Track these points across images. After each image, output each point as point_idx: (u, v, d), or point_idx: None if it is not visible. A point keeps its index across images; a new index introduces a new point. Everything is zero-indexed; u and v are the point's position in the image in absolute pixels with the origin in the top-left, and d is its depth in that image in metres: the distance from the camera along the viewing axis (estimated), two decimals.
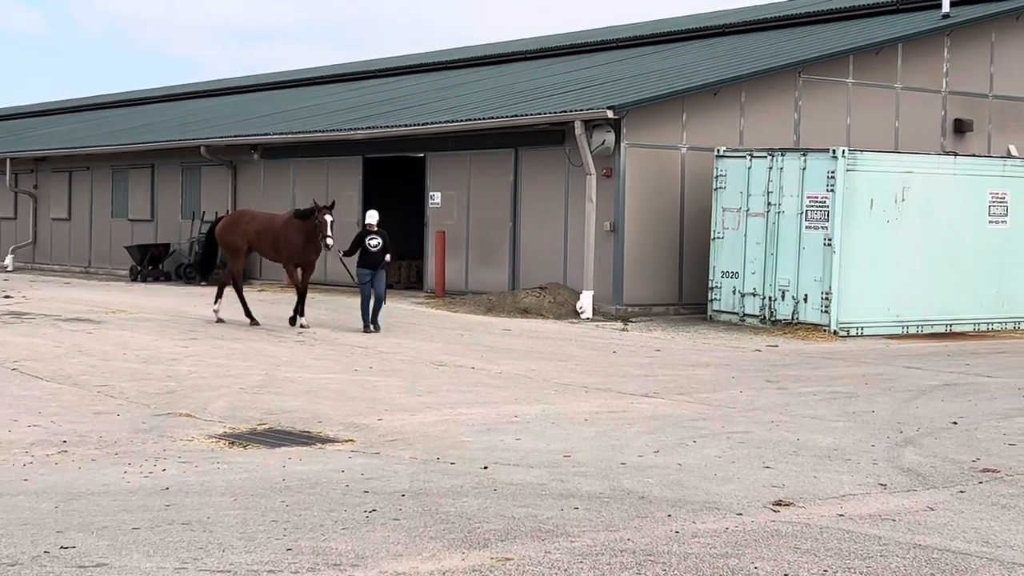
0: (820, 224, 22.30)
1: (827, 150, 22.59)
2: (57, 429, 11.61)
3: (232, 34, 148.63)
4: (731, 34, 34.33)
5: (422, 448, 10.87)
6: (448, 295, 27.73)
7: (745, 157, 23.72)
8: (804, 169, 22.59)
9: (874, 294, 22.59)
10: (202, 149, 34.67)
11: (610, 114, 24.11)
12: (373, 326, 21.02)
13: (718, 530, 8.07)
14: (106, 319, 22.43)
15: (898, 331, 22.77)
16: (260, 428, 11.92)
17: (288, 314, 22.39)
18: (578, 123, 24.53)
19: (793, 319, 22.69)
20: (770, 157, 23.25)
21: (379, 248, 21.28)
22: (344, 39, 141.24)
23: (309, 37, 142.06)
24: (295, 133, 32.37)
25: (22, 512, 8.31)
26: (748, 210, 23.49)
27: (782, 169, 22.97)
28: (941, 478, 9.96)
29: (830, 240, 22.16)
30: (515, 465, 10.11)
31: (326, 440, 11.32)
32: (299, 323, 21.35)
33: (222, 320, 22.00)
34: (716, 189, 24.14)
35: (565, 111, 25.25)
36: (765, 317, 23.15)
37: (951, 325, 23.60)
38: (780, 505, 8.82)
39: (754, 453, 10.85)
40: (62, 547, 7.40)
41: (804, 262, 22.53)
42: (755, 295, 23.39)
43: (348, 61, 54.41)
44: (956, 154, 25.20)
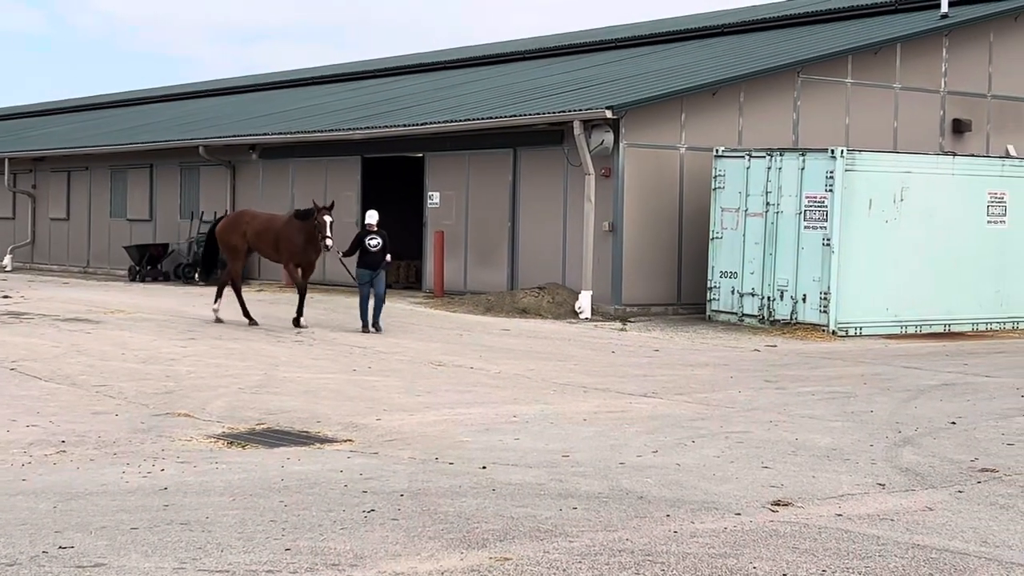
0: (819, 224, 22.31)
1: (826, 150, 22.60)
2: (55, 429, 11.61)
3: (231, 34, 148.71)
4: (730, 34, 34.35)
5: (421, 448, 10.86)
6: (447, 295, 27.73)
7: (744, 157, 23.72)
8: (803, 169, 22.60)
9: (873, 294, 22.60)
10: (201, 149, 34.67)
11: (609, 114, 24.11)
12: (374, 327, 20.91)
13: (716, 530, 8.07)
14: (105, 319, 22.42)
15: (897, 331, 22.78)
16: (259, 428, 11.92)
17: (288, 315, 22.41)
18: (577, 123, 24.54)
19: (792, 319, 22.70)
20: (769, 157, 23.25)
21: (379, 248, 21.22)
22: (343, 39, 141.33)
23: (308, 37, 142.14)
24: (294, 133, 32.37)
25: (20, 512, 8.31)
26: (747, 210, 23.50)
27: (781, 169, 22.98)
28: (939, 478, 9.96)
29: (829, 240, 22.17)
30: (514, 465, 10.11)
31: (325, 440, 11.32)
32: (294, 320, 21.35)
33: (221, 320, 22.01)
34: (715, 189, 24.14)
35: (564, 111, 25.25)
36: (764, 317, 23.16)
37: (950, 325, 23.61)
38: (779, 505, 8.82)
39: (753, 453, 10.85)
40: (60, 547, 7.40)
41: (803, 262, 22.54)
42: (754, 295, 23.39)
43: (347, 61, 54.43)
44: (955, 154, 25.21)
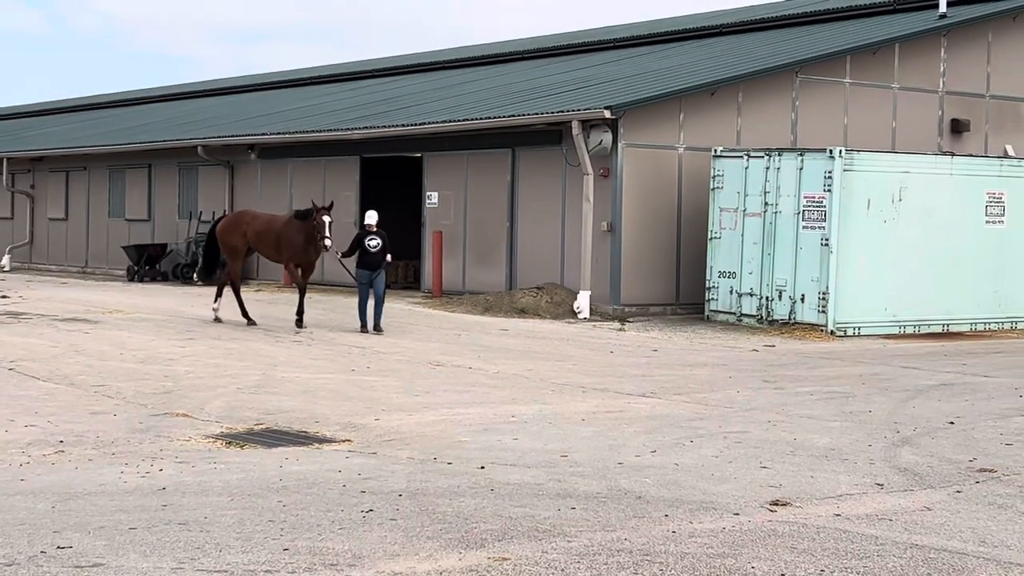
0: (817, 224, 22.31)
1: (824, 150, 22.60)
2: (54, 429, 11.61)
3: (229, 34, 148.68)
4: (728, 34, 34.35)
5: (419, 448, 10.86)
6: (445, 295, 27.73)
7: (742, 157, 23.73)
8: (801, 169, 22.60)
9: (871, 294, 22.60)
10: (199, 149, 34.67)
11: (607, 114, 24.11)
12: (375, 329, 20.77)
13: (715, 530, 8.07)
14: (103, 319, 22.41)
15: (895, 331, 22.79)
16: (257, 428, 11.92)
17: (287, 315, 22.43)
18: (575, 123, 24.53)
19: (790, 319, 22.70)
20: (767, 157, 23.26)
21: (378, 249, 21.13)
22: (343, 39, 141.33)
23: (308, 37, 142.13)
24: (292, 133, 32.37)
25: (19, 512, 8.31)
26: (745, 210, 23.50)
27: (779, 169, 22.98)
28: (938, 478, 9.96)
29: (827, 240, 22.17)
30: (512, 465, 10.11)
31: (323, 440, 11.32)
32: (296, 321, 21.31)
33: (220, 320, 22.00)
34: (713, 189, 24.14)
35: (562, 111, 25.25)
36: (762, 317, 23.17)
37: (948, 325, 23.62)
38: (777, 505, 8.82)
39: (751, 453, 10.86)
40: (59, 547, 7.40)
41: (801, 262, 22.55)
42: (752, 295, 23.40)
43: (345, 61, 54.43)
44: (953, 154, 25.21)
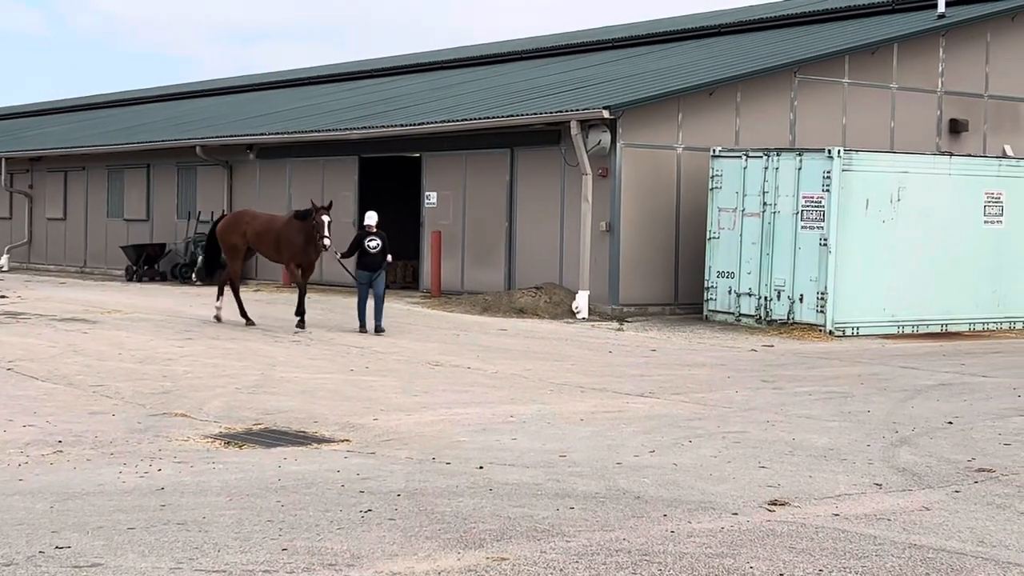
0: (816, 224, 22.31)
1: (823, 150, 22.60)
2: (52, 429, 11.60)
3: (228, 34, 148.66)
4: (727, 34, 34.36)
5: (418, 448, 10.86)
6: (444, 295, 27.72)
7: (741, 157, 23.73)
8: (800, 169, 22.61)
9: (870, 294, 22.61)
10: (198, 149, 34.66)
11: (606, 114, 24.11)
12: (376, 329, 20.62)
13: (714, 530, 8.07)
14: (102, 319, 22.40)
15: (894, 331, 22.79)
16: (256, 428, 11.91)
17: (285, 315, 22.43)
18: (574, 123, 24.53)
19: (789, 319, 22.71)
20: (766, 157, 23.26)
21: (378, 250, 21.00)
22: (343, 39, 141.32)
23: (307, 37, 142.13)
24: (291, 133, 32.36)
25: (17, 512, 8.30)
26: (744, 210, 23.50)
27: (778, 169, 22.98)
28: (936, 478, 9.96)
29: (826, 240, 22.17)
30: (511, 465, 10.11)
31: (322, 440, 11.31)
32: (298, 323, 21.28)
33: (220, 319, 21.98)
34: (712, 189, 24.14)
35: (561, 111, 25.25)
36: (761, 317, 23.17)
37: (947, 325, 23.63)
38: (776, 505, 8.82)
39: (750, 453, 10.86)
40: (57, 547, 7.40)
41: (800, 262, 22.55)
42: (751, 295, 23.40)
43: (344, 61, 54.42)
44: (952, 154, 25.22)
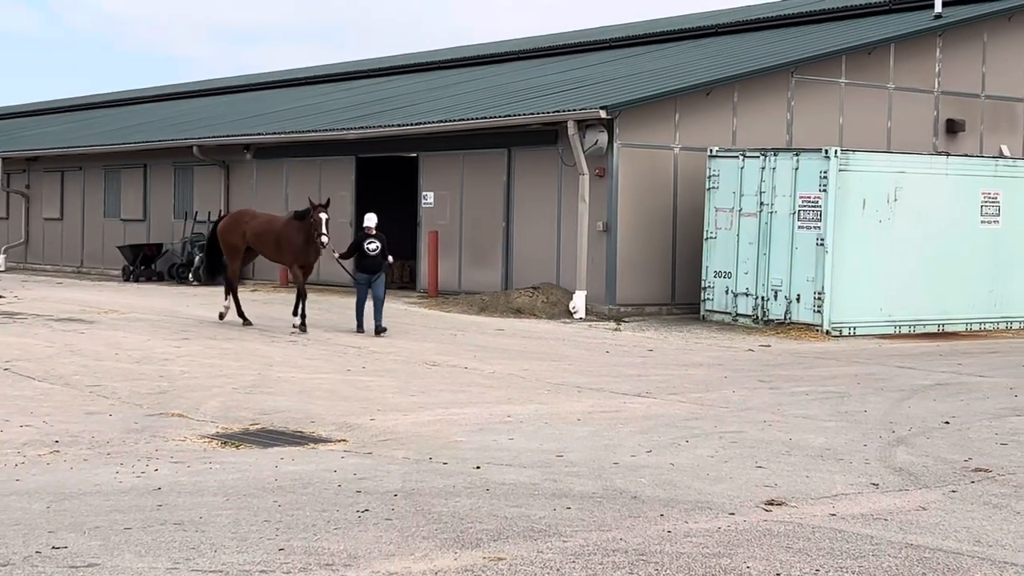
0: (813, 224, 22.32)
1: (819, 150, 22.61)
2: (49, 429, 11.59)
3: (226, 34, 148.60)
4: (724, 34, 34.37)
5: (415, 448, 10.86)
6: (441, 295, 27.72)
7: (738, 157, 23.74)
8: (797, 169, 22.62)
9: (866, 294, 22.62)
10: (195, 149, 34.64)
11: (603, 114, 24.11)
12: (376, 330, 20.38)
13: (710, 530, 8.08)
14: (98, 319, 22.39)
15: (890, 331, 22.80)
16: (253, 428, 11.91)
17: (283, 315, 22.43)
18: (571, 123, 24.53)
19: (786, 319, 22.71)
20: (763, 157, 23.26)
21: (378, 252, 20.83)
22: (342, 40, 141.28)
23: (305, 38, 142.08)
24: (288, 133, 32.35)
25: (14, 512, 8.30)
26: (741, 210, 23.51)
27: (775, 169, 22.99)
28: (933, 478, 9.97)
29: (823, 240, 22.19)
30: (508, 465, 10.11)
31: (319, 440, 11.31)
32: (294, 323, 21.23)
33: (223, 317, 21.91)
34: (709, 189, 24.15)
35: (558, 111, 25.25)
36: (758, 317, 23.18)
37: (943, 325, 23.64)
38: (772, 505, 8.82)
39: (747, 453, 10.86)
40: (54, 547, 7.39)
41: (797, 262, 22.56)
42: (748, 295, 23.40)
43: (340, 61, 54.42)
44: (948, 154, 25.23)
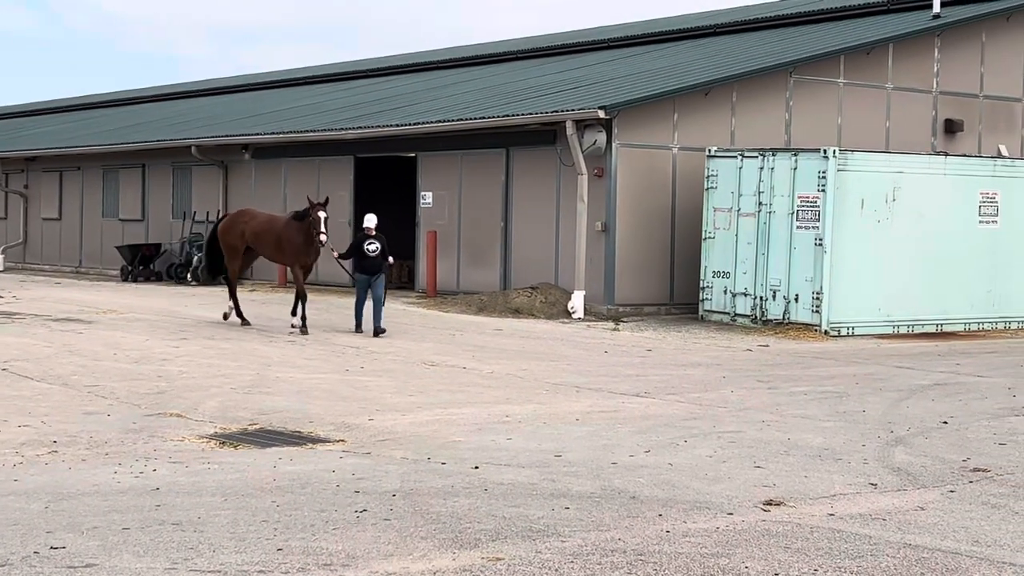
0: (811, 224, 22.33)
1: (818, 150, 22.62)
2: (47, 429, 11.59)
3: (225, 34, 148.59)
4: (722, 34, 34.37)
5: (413, 448, 10.86)
6: (439, 295, 27.72)
7: (736, 157, 23.74)
8: (795, 169, 22.62)
9: (865, 294, 22.62)
10: (193, 149, 34.63)
11: (601, 114, 24.10)
12: (375, 331, 20.27)
13: (709, 529, 8.08)
14: (97, 319, 22.39)
15: (889, 331, 22.81)
16: (251, 428, 11.91)
17: (281, 315, 22.45)
18: (569, 123, 24.53)
19: (784, 319, 22.72)
20: (761, 157, 23.27)
21: (377, 253, 20.76)
22: (340, 40, 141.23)
23: (304, 37, 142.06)
24: (286, 133, 32.34)
25: (12, 512, 8.30)
26: (739, 210, 23.51)
27: (773, 169, 22.99)
28: (931, 478, 9.97)
29: (821, 240, 22.19)
30: (506, 465, 10.11)
31: (317, 440, 11.31)
32: (292, 323, 21.22)
33: (227, 317, 21.86)
34: (707, 189, 24.15)
35: (556, 111, 25.24)
36: (756, 317, 23.18)
37: (942, 325, 23.65)
38: (771, 505, 8.83)
39: (745, 453, 10.87)
40: (52, 547, 7.39)
41: (795, 262, 22.56)
42: (746, 295, 23.41)
43: (339, 61, 54.40)
44: (947, 154, 25.23)
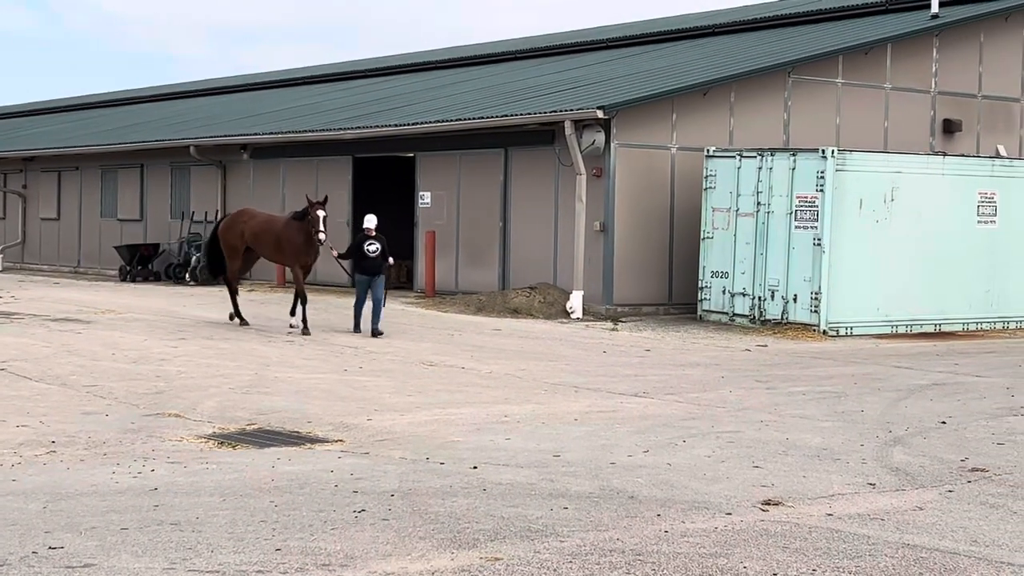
0: (809, 224, 22.33)
1: (816, 150, 22.62)
2: (46, 429, 11.59)
3: (225, 34, 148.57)
4: (721, 34, 34.38)
5: (411, 448, 10.86)
6: (438, 295, 27.72)
7: (735, 157, 23.74)
8: (793, 169, 22.63)
9: (863, 294, 22.63)
10: (191, 149, 34.62)
11: (600, 114, 24.11)
12: (372, 332, 20.20)
13: (707, 529, 8.08)
14: (95, 319, 22.38)
15: (887, 331, 22.81)
16: (249, 428, 11.91)
17: (279, 315, 22.41)
18: (568, 123, 24.53)
19: (782, 319, 22.72)
20: (759, 157, 23.27)
21: (378, 254, 20.71)
22: (338, 40, 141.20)
23: (303, 38, 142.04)
24: (284, 133, 32.33)
25: (10, 512, 8.29)
26: (738, 210, 23.52)
27: (771, 169, 23.00)
28: (930, 477, 9.98)
29: (819, 240, 22.20)
30: (505, 465, 10.11)
31: (315, 440, 11.31)
32: (291, 323, 21.21)
33: (232, 318, 21.81)
34: (706, 189, 24.16)
35: (555, 111, 25.24)
36: (755, 317, 23.18)
37: (940, 325, 23.65)
38: (769, 504, 8.83)
39: (743, 453, 10.87)
40: (50, 547, 7.39)
41: (793, 262, 22.56)
42: (745, 295, 23.41)
43: (337, 61, 54.40)
44: (945, 154, 25.24)
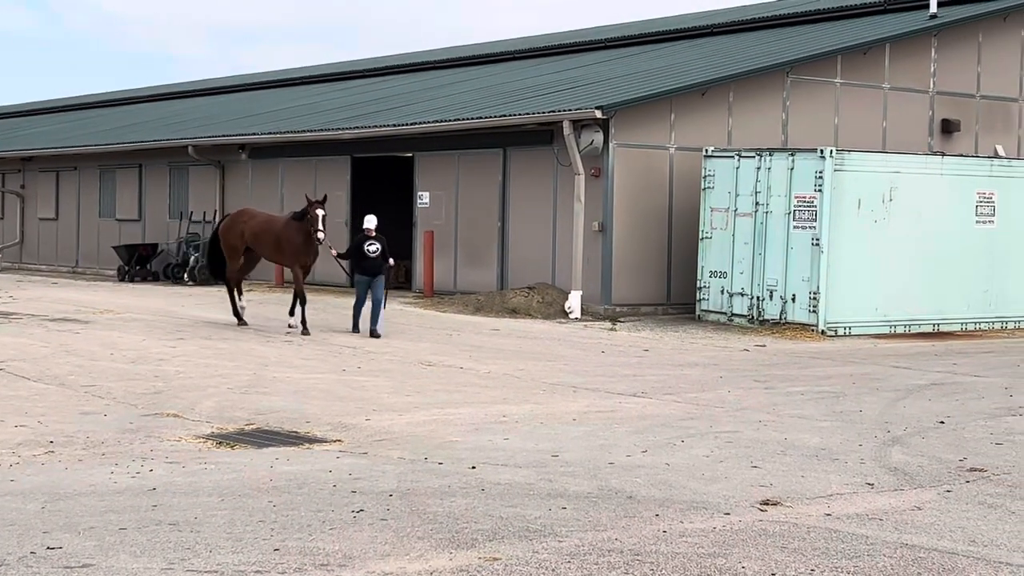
0: (808, 224, 22.33)
1: (815, 150, 22.63)
2: (44, 429, 11.58)
3: (225, 34, 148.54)
4: (719, 34, 34.39)
5: (410, 448, 10.86)
6: (436, 295, 27.71)
7: (733, 157, 23.74)
8: (792, 169, 22.63)
9: (862, 294, 22.63)
10: (190, 149, 34.62)
11: (598, 114, 24.11)
12: (371, 333, 20.16)
13: (706, 529, 8.08)
14: (94, 319, 22.37)
15: (886, 331, 22.82)
16: (248, 428, 11.90)
17: (278, 315, 22.39)
18: (566, 123, 24.53)
19: (781, 319, 22.72)
20: (758, 157, 23.27)
21: (378, 254, 20.66)
22: (338, 40, 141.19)
23: (303, 38, 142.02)
24: (283, 133, 32.33)
25: (8, 513, 8.29)
26: (736, 210, 23.52)
27: (770, 169, 23.00)
28: (928, 477, 9.98)
29: (818, 240, 22.20)
30: (503, 465, 10.11)
31: (314, 440, 11.31)
32: (289, 323, 21.19)
33: (242, 318, 21.79)
34: (704, 189, 24.16)
35: (553, 111, 25.25)
36: (753, 317, 23.19)
37: (939, 325, 23.66)
38: (768, 504, 8.83)
39: (742, 453, 10.87)
40: (49, 548, 7.39)
41: (792, 262, 22.57)
42: (743, 295, 23.42)
43: (336, 61, 54.39)
44: (943, 154, 25.25)
